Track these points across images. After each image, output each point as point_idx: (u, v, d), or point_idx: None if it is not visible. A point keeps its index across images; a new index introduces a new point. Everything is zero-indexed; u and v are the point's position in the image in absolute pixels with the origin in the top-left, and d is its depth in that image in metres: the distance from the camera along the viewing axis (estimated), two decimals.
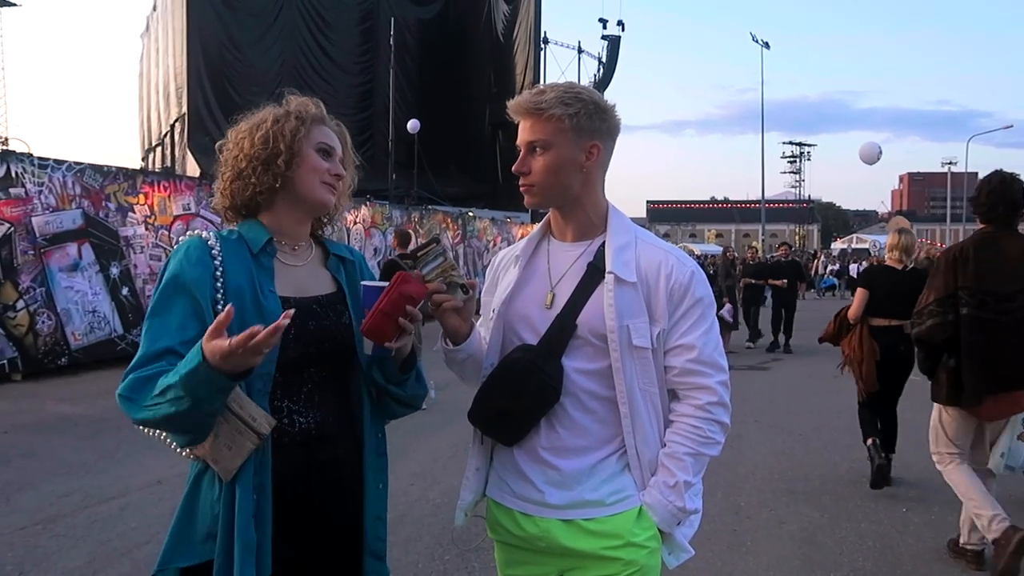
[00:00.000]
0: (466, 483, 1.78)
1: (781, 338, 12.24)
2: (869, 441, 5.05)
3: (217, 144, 1.72)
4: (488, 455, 1.77)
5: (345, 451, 1.63)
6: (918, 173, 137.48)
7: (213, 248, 1.55)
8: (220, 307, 1.49)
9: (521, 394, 1.62)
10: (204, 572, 1.48)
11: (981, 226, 3.71)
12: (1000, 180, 3.65)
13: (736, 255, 13.94)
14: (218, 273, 1.52)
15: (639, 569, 1.61)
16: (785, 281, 12.40)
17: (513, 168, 1.69)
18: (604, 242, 1.68)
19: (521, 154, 1.68)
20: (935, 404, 3.85)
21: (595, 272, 1.65)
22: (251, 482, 1.47)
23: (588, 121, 1.63)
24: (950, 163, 62.62)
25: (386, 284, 1.53)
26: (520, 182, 1.69)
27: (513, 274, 1.75)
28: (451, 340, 1.69)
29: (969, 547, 3.75)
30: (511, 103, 1.68)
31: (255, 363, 1.35)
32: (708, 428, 1.64)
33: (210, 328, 1.34)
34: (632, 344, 1.61)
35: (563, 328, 1.63)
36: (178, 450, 1.56)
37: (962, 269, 3.58)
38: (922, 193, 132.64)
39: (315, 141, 1.64)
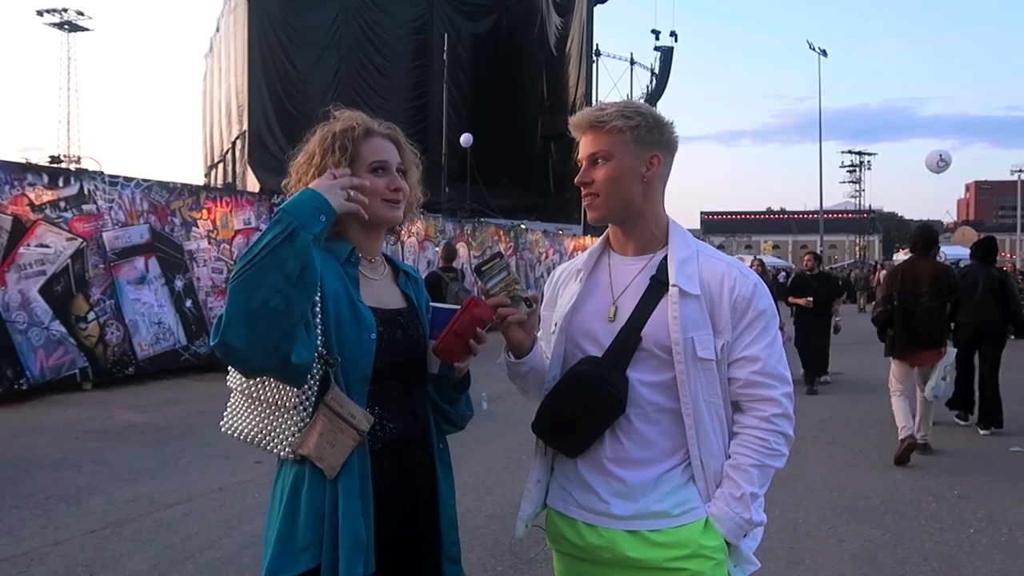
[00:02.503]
0: (527, 495, 1.80)
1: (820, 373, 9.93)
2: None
3: (283, 183, 1.76)
4: (549, 467, 1.79)
5: (423, 458, 1.70)
6: (985, 181, 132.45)
7: None
8: (318, 309, 1.54)
9: (587, 405, 1.64)
10: None
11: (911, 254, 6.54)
12: (920, 228, 6.72)
13: (762, 265, 11.40)
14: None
15: None
16: (810, 300, 9.77)
17: (576, 180, 1.72)
18: (666, 256, 1.70)
19: (583, 167, 1.71)
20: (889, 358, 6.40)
21: (658, 285, 1.67)
22: (356, 482, 1.53)
23: (648, 133, 1.67)
24: (1020, 170, 60.23)
25: (456, 307, 1.61)
26: (583, 194, 1.72)
27: (575, 288, 1.77)
28: (514, 353, 1.71)
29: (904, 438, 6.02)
30: (572, 119, 1.72)
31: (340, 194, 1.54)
32: (773, 440, 1.65)
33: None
34: (697, 356, 1.62)
35: (628, 340, 1.65)
36: (282, 453, 1.57)
37: (895, 281, 6.35)
38: (990, 202, 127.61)
39: (367, 163, 1.66)
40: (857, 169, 72.50)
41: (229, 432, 1.67)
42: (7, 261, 8.35)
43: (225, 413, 1.68)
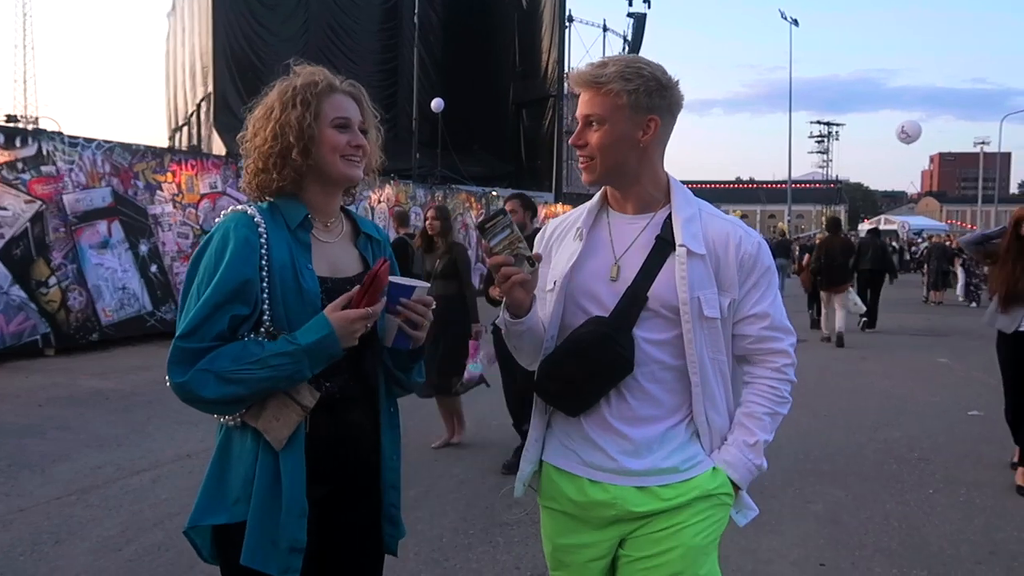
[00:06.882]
0: (525, 455, 1.79)
1: None
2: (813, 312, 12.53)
3: (238, 136, 1.70)
4: (546, 425, 1.78)
5: (362, 417, 1.68)
6: (949, 153, 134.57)
7: (260, 225, 1.55)
8: (265, 284, 1.52)
9: (595, 366, 1.63)
10: (234, 532, 1.52)
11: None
12: (832, 218, 12.83)
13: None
14: (263, 251, 1.53)
15: (707, 517, 1.66)
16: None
17: (570, 141, 1.71)
18: (669, 215, 1.69)
19: (579, 127, 1.67)
20: (820, 290, 11.53)
21: (664, 245, 1.66)
22: (301, 451, 1.53)
23: (647, 98, 1.62)
24: (983, 143, 61.09)
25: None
26: (578, 155, 1.69)
27: (575, 246, 1.73)
28: (513, 313, 1.68)
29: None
30: (572, 74, 1.69)
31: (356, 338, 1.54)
32: (783, 388, 1.74)
33: (339, 300, 1.53)
34: (703, 315, 1.64)
35: (634, 301, 1.64)
36: (223, 418, 1.57)
37: (822, 248, 11.42)
38: (953, 174, 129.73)
39: (329, 118, 1.62)
40: (825, 140, 73.17)
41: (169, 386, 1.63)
42: None
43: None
